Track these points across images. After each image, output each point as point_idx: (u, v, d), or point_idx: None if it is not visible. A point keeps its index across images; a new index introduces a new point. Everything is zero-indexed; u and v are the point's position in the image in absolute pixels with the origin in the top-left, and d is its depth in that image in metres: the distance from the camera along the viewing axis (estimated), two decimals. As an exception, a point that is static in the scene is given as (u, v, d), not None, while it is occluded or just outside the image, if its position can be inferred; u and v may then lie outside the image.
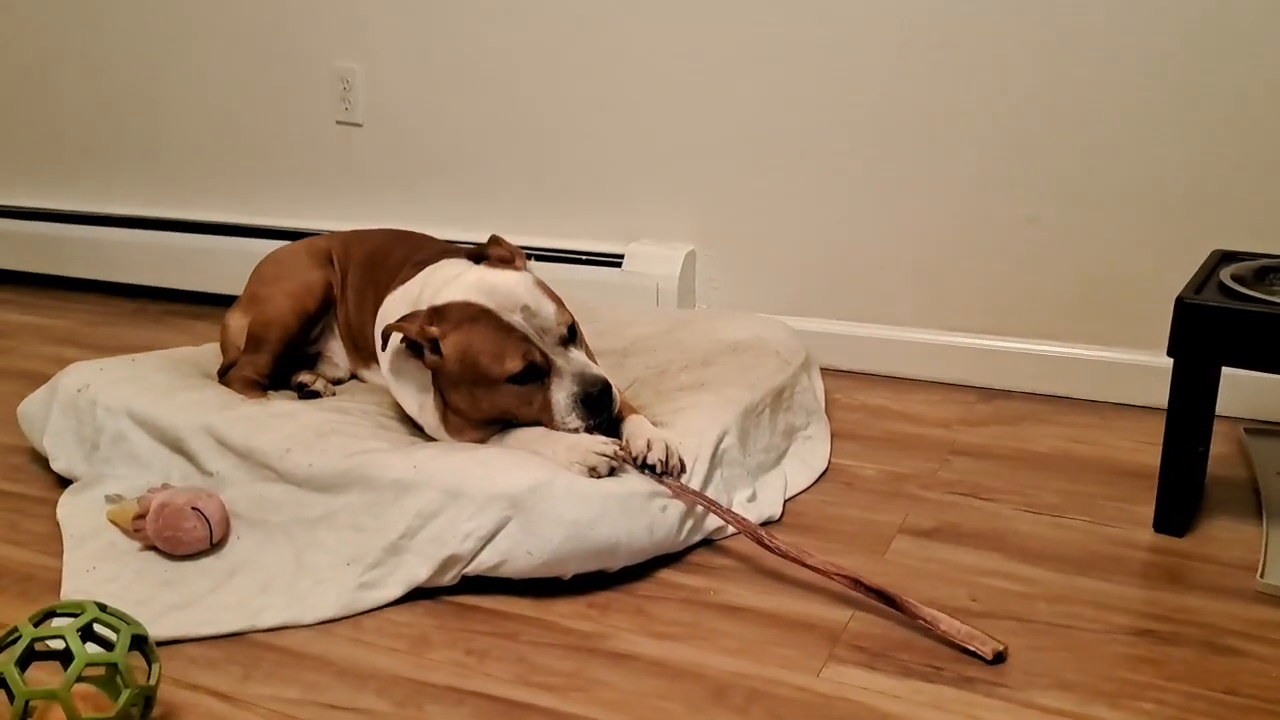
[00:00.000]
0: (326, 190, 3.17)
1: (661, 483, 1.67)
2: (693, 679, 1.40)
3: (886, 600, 1.52)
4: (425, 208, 3.02)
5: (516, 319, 1.72)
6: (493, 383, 1.73)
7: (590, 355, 1.82)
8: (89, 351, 2.73)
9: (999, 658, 1.42)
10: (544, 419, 1.75)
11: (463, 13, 2.86)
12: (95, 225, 3.43)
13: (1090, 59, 2.28)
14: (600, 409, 1.74)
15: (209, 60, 3.23)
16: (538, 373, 1.73)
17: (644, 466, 1.69)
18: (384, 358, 1.90)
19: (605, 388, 1.74)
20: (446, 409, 1.84)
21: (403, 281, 1.97)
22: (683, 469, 1.73)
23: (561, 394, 1.73)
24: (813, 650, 1.46)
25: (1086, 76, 2.29)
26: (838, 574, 1.56)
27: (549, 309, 1.75)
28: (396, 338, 1.82)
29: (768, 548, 1.61)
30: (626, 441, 1.74)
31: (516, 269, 1.85)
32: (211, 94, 3.26)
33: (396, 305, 1.93)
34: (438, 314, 1.76)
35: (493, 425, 1.81)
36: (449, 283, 1.81)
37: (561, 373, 1.73)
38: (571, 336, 1.78)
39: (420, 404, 1.87)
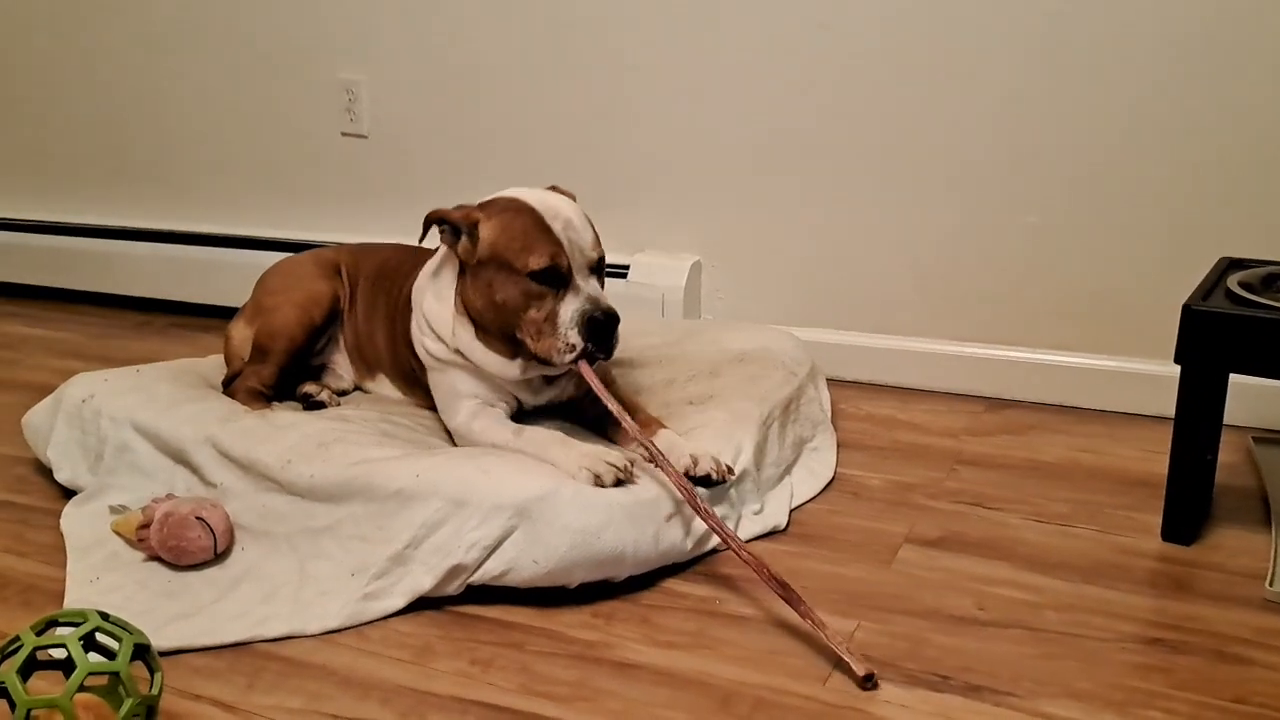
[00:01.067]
0: (331, 202, 3.17)
1: (695, 505, 1.62)
2: (698, 688, 1.40)
3: (785, 593, 1.50)
4: (430, 219, 3.02)
5: (556, 226, 1.76)
6: (515, 273, 1.75)
7: None
8: (94, 363, 2.72)
9: (869, 679, 1.38)
10: (545, 327, 1.75)
11: (467, 24, 2.87)
12: (101, 238, 3.43)
13: (1095, 67, 2.28)
14: (602, 335, 1.74)
15: (214, 72, 3.24)
16: (558, 278, 1.75)
17: (696, 481, 1.69)
18: (420, 287, 1.94)
19: (614, 320, 1.75)
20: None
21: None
22: (732, 474, 1.75)
23: (571, 308, 1.74)
24: (819, 660, 1.45)
25: (1092, 85, 2.29)
26: (753, 562, 1.54)
27: (588, 234, 1.80)
28: (430, 221, 1.85)
29: (775, 582, 1.54)
30: (666, 454, 1.68)
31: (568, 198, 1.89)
32: (216, 106, 3.27)
33: (428, 269, 1.96)
34: (483, 205, 1.83)
35: (508, 341, 1.81)
36: (500, 192, 1.86)
37: (578, 291, 1.76)
38: (597, 270, 1.81)
39: (448, 318, 1.88)
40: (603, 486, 1.63)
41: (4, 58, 3.56)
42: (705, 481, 1.71)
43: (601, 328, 1.74)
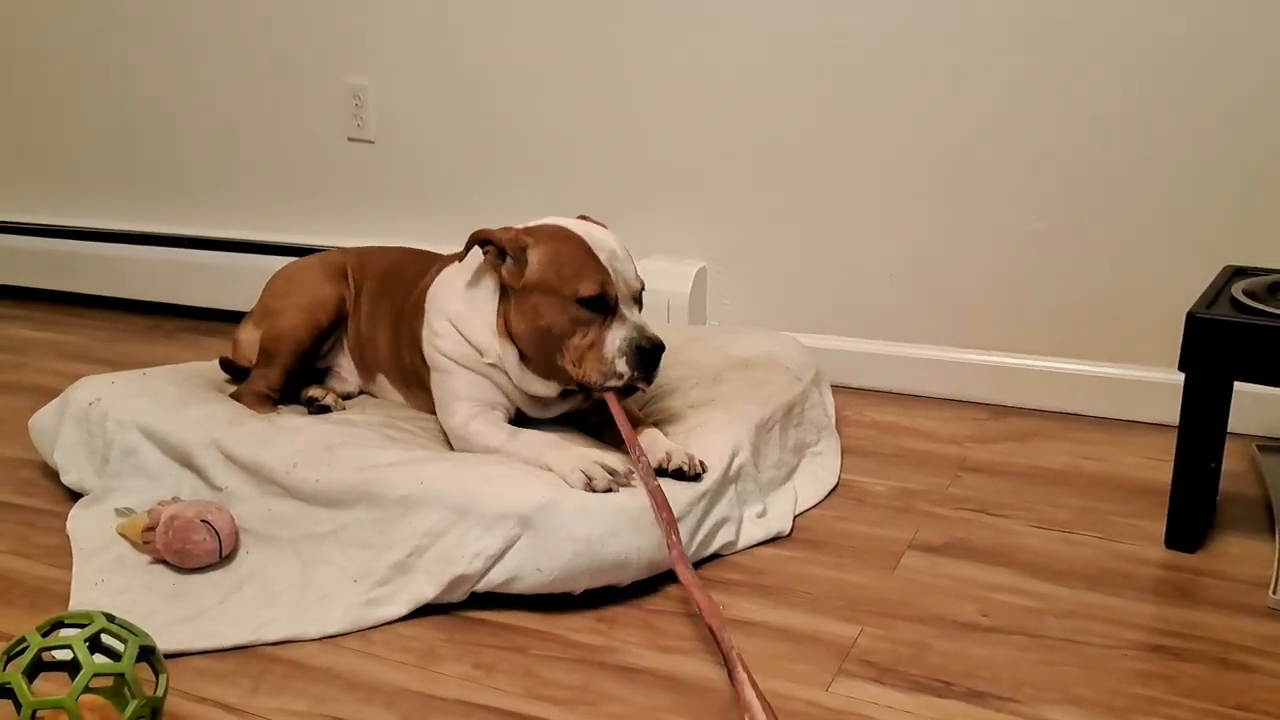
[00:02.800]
0: (338, 206, 3.18)
1: (658, 514, 1.61)
2: (701, 693, 1.40)
3: (728, 662, 1.37)
4: (436, 223, 3.03)
5: (603, 255, 1.78)
6: (563, 299, 1.76)
7: None
8: (101, 367, 2.73)
9: None
10: (591, 354, 1.76)
11: (474, 30, 2.88)
12: (107, 242, 3.45)
13: (1099, 74, 2.29)
14: (649, 365, 1.76)
15: (221, 76, 3.25)
16: (605, 306, 1.76)
17: (665, 474, 1.71)
18: (447, 296, 1.93)
19: (661, 349, 1.77)
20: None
21: (446, 265, 2.01)
22: (704, 470, 1.75)
23: (619, 336, 1.75)
24: (822, 664, 1.45)
25: (1097, 91, 2.29)
26: (707, 618, 1.45)
27: (631, 265, 1.83)
28: (472, 242, 1.86)
29: (708, 619, 1.46)
30: (646, 450, 1.74)
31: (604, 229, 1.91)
32: (223, 110, 3.28)
33: (453, 276, 1.96)
34: (529, 230, 1.84)
35: (548, 365, 1.82)
36: (541, 221, 1.88)
37: (624, 319, 1.77)
38: (639, 301, 1.83)
39: (488, 335, 1.87)
40: (595, 491, 1.64)
41: (13, 62, 3.58)
42: (678, 475, 1.72)
43: (649, 356, 1.75)
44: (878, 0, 2.44)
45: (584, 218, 1.96)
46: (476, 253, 1.88)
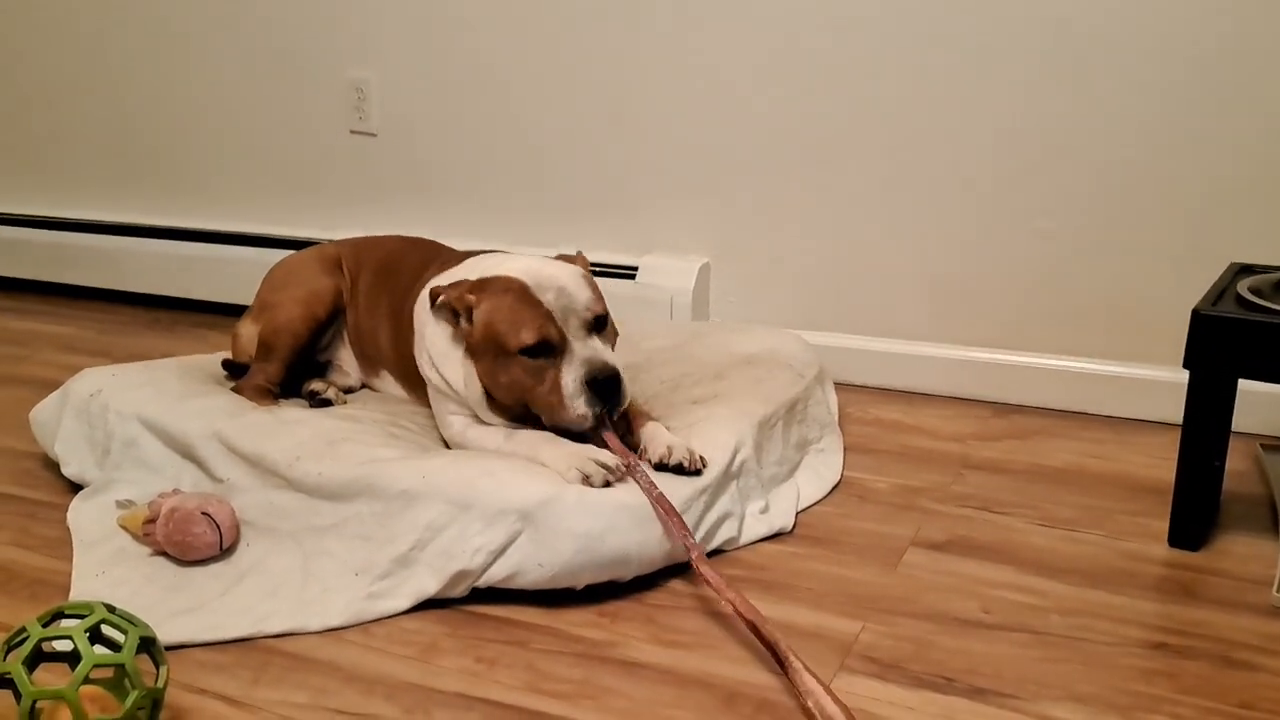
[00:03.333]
0: (340, 200, 3.18)
1: (656, 504, 1.62)
2: (702, 688, 1.40)
3: (776, 657, 1.41)
4: (439, 218, 3.03)
5: (548, 297, 1.74)
6: (508, 354, 1.74)
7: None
8: (101, 359, 2.73)
9: None
10: (554, 400, 1.74)
11: (477, 23, 2.87)
12: (108, 234, 3.45)
13: (1107, 73, 2.28)
14: (607, 395, 1.72)
15: (223, 69, 3.25)
16: (549, 349, 1.73)
17: (666, 468, 1.71)
18: (432, 331, 1.90)
19: (614, 376, 1.73)
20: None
21: (442, 270, 1.98)
22: (704, 466, 1.74)
23: (570, 376, 1.72)
24: (824, 660, 1.45)
25: (1103, 90, 2.29)
26: (744, 614, 1.47)
27: (584, 295, 1.77)
28: (433, 300, 1.84)
29: (744, 618, 1.48)
30: (645, 447, 1.75)
31: (573, 264, 1.88)
32: (225, 103, 3.28)
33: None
34: (479, 285, 1.80)
35: (516, 411, 1.81)
36: (500, 265, 1.85)
37: (573, 355, 1.73)
38: (599, 326, 1.78)
39: (465, 377, 1.85)
40: (591, 486, 1.63)
41: (14, 54, 3.57)
42: (679, 470, 1.71)
43: (603, 387, 1.72)
44: (883, -4, 2.44)
45: (562, 257, 1.92)
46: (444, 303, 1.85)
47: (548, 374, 1.74)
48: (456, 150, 2.99)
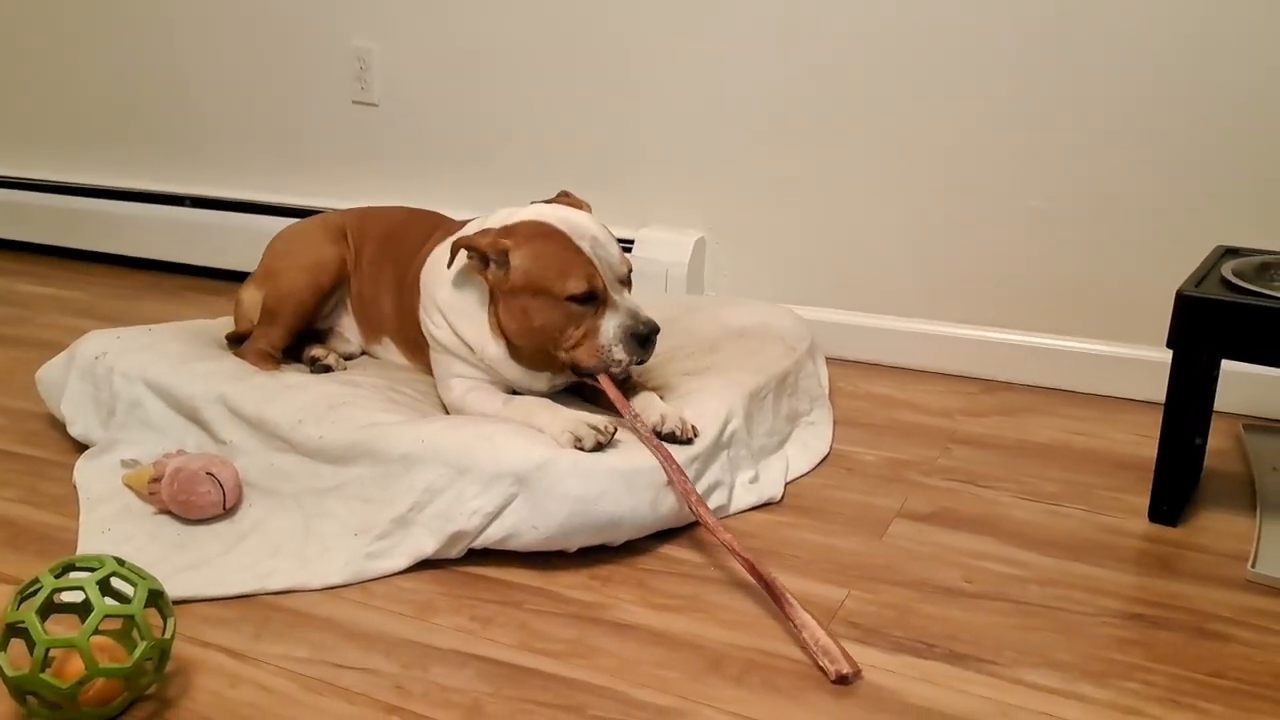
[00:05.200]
0: (341, 169, 3.21)
1: (666, 466, 1.68)
2: (691, 649, 1.44)
3: (771, 593, 1.50)
4: (439, 188, 3.05)
5: (585, 245, 1.79)
6: (553, 298, 1.78)
7: None
8: (105, 323, 2.76)
9: (842, 679, 1.36)
10: (585, 345, 1.79)
11: (481, -3, 2.89)
12: (112, 199, 3.47)
13: (1096, 54, 2.31)
14: (646, 347, 1.79)
15: (226, 37, 3.27)
16: (595, 298, 1.78)
17: (659, 436, 1.75)
18: (446, 292, 1.93)
19: (655, 329, 1.80)
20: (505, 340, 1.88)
21: (450, 233, 2.01)
22: (696, 435, 1.78)
23: (612, 324, 1.78)
24: (809, 625, 1.49)
25: (1092, 71, 2.32)
26: (740, 554, 1.56)
27: (614, 247, 1.83)
28: (463, 255, 1.87)
29: (739, 556, 1.56)
30: (640, 414, 1.78)
31: (584, 210, 1.92)
32: (228, 71, 3.30)
33: (443, 261, 1.97)
34: (508, 230, 1.83)
35: (536, 359, 1.86)
36: (517, 213, 1.88)
37: (616, 306, 1.79)
38: (627, 282, 1.85)
39: (483, 333, 1.89)
40: (583, 449, 1.67)
41: (19, 21, 3.58)
42: (670, 439, 1.76)
43: (644, 340, 1.79)
44: (882, -24, 2.46)
45: (564, 194, 1.98)
46: (462, 255, 1.88)
47: (586, 320, 1.79)
48: (457, 122, 3.02)
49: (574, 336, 1.80)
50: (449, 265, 1.89)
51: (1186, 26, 2.23)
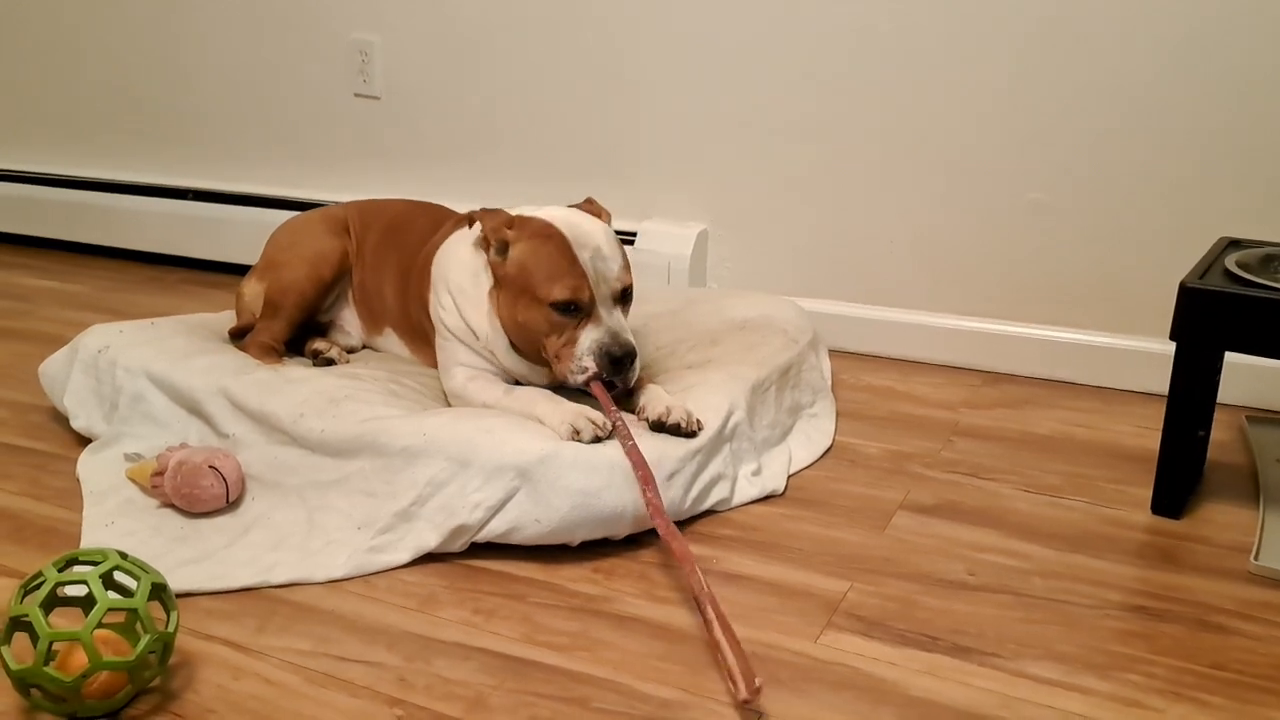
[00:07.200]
0: (343, 162, 3.20)
1: (637, 472, 1.64)
2: (693, 642, 1.44)
3: (699, 606, 1.44)
4: (441, 181, 3.05)
5: (585, 255, 1.79)
6: (537, 300, 1.79)
7: None
8: (106, 316, 2.76)
9: (745, 703, 1.29)
10: (563, 355, 1.80)
11: (482, -11, 2.89)
12: (113, 193, 3.47)
13: (1098, 46, 2.30)
14: (617, 369, 1.78)
15: (227, 30, 3.26)
16: (577, 310, 1.79)
17: (663, 428, 1.76)
18: (457, 275, 1.95)
19: (631, 355, 1.79)
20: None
21: (455, 229, 2.04)
22: (700, 428, 1.78)
23: (591, 338, 1.78)
24: (811, 618, 1.49)
25: (1095, 63, 2.31)
26: (682, 561, 1.50)
27: (616, 263, 1.83)
28: (470, 224, 1.90)
29: (687, 566, 1.50)
30: (644, 406, 1.79)
31: (602, 220, 1.93)
32: (229, 64, 3.29)
33: (458, 245, 1.99)
34: (520, 221, 1.85)
35: (531, 353, 1.87)
36: (536, 211, 1.89)
37: (600, 322, 1.79)
38: (624, 299, 1.85)
39: (488, 321, 1.91)
40: (581, 441, 1.68)
41: (20, 13, 3.58)
42: (675, 431, 1.76)
43: (616, 362, 1.78)
44: (884, -33, 2.46)
45: (589, 201, 1.99)
46: (477, 227, 1.90)
47: (567, 330, 1.79)
48: (458, 115, 3.01)
49: (555, 345, 1.81)
50: (469, 225, 1.92)
51: (1188, 17, 2.22)
